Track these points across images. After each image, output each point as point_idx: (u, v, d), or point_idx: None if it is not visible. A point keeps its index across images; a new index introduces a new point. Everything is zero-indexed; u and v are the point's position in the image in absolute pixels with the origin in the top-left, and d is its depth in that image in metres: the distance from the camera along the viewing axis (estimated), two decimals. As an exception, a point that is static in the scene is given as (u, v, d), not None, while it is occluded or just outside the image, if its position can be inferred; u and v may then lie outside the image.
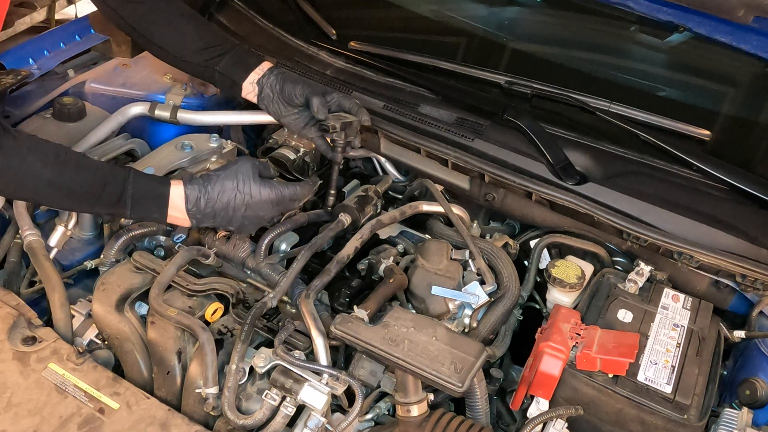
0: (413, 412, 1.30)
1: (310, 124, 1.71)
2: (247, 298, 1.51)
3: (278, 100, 1.70)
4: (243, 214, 1.41)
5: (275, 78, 1.71)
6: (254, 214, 1.42)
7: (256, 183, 1.40)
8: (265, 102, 1.72)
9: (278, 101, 1.70)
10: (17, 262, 1.63)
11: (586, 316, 1.48)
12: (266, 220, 1.47)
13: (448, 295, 1.49)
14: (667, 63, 1.94)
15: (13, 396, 1.30)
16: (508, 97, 1.87)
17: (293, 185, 1.45)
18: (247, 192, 1.40)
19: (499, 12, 2.17)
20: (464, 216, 1.74)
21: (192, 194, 1.40)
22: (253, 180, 1.41)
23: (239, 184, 1.40)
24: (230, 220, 1.43)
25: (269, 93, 1.71)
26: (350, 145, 1.68)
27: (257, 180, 1.41)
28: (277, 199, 1.43)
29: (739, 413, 1.36)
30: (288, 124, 1.74)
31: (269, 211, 1.44)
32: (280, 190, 1.42)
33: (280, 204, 1.46)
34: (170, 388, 1.42)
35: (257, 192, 1.40)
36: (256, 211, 1.41)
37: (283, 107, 1.71)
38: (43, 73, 2.03)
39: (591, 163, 1.70)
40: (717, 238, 1.57)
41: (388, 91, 1.91)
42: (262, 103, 1.73)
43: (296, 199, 1.50)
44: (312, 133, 1.72)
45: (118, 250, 1.57)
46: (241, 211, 1.40)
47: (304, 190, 1.48)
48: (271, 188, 1.41)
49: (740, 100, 1.90)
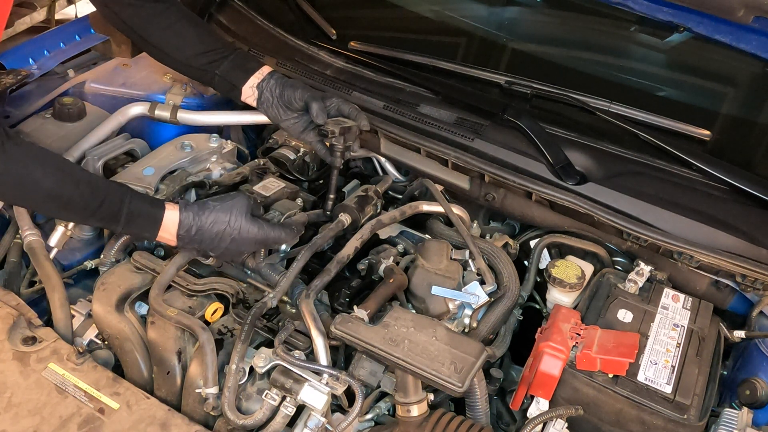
0: (413, 412, 1.30)
1: (309, 129, 1.72)
2: (247, 298, 1.51)
3: (278, 104, 1.71)
4: (227, 245, 1.45)
5: (275, 82, 1.71)
6: (237, 248, 1.47)
7: (247, 221, 1.45)
8: (264, 106, 1.73)
9: (278, 105, 1.71)
10: (17, 262, 1.63)
11: (586, 316, 1.48)
12: (245, 254, 1.51)
13: (448, 295, 1.49)
14: (667, 63, 1.94)
15: (13, 396, 1.30)
16: (508, 97, 1.87)
17: (279, 229, 1.50)
18: (236, 227, 1.44)
19: (499, 12, 2.17)
20: (464, 216, 1.74)
21: (186, 221, 1.43)
22: (245, 217, 1.45)
23: (231, 218, 1.44)
24: (214, 248, 1.47)
25: (269, 97, 1.71)
26: (349, 149, 1.70)
27: (248, 218, 1.45)
28: (262, 240, 1.47)
29: (739, 413, 1.36)
30: (287, 128, 1.75)
31: (251, 247, 1.49)
32: (267, 231, 1.47)
33: (263, 243, 1.50)
34: (170, 388, 1.42)
35: (246, 229, 1.44)
36: (240, 246, 1.46)
37: (282, 111, 1.72)
38: (43, 73, 2.03)
39: (591, 163, 1.70)
40: (717, 238, 1.57)
41: (388, 91, 1.91)
42: (261, 107, 1.74)
43: (279, 243, 1.54)
44: (311, 138, 1.73)
45: (118, 250, 1.57)
46: (226, 242, 1.45)
47: (288, 237, 1.52)
48: (259, 228, 1.46)
49: (740, 100, 1.90)
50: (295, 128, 1.73)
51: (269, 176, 1.83)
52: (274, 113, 1.73)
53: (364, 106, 1.86)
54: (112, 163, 1.77)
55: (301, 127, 1.73)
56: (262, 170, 1.86)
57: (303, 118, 1.72)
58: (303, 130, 1.73)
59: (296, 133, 1.74)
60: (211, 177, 1.80)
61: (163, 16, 1.72)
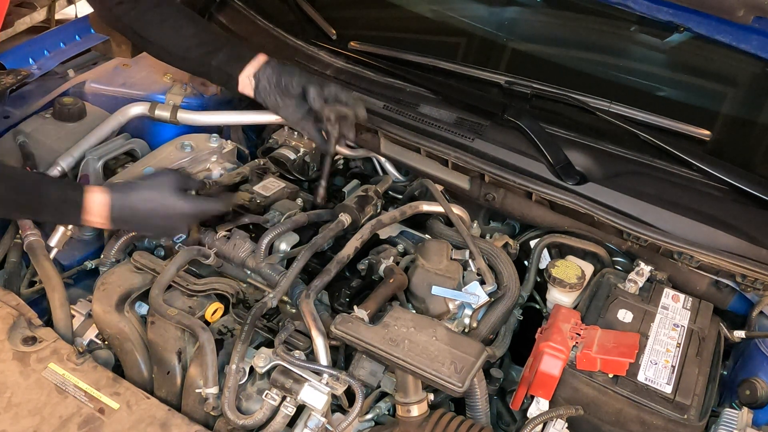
0: (413, 412, 1.30)
1: (307, 117, 1.70)
2: (247, 298, 1.51)
3: (275, 91, 1.70)
4: (158, 223, 1.46)
5: (272, 70, 1.70)
6: (170, 224, 1.47)
7: (177, 196, 1.44)
8: (262, 94, 1.72)
9: (275, 93, 1.70)
10: (17, 262, 1.63)
11: (586, 316, 1.48)
12: (181, 230, 1.52)
13: (448, 295, 1.49)
14: (667, 63, 1.94)
15: (13, 396, 1.30)
16: (508, 97, 1.87)
17: (212, 200, 1.51)
18: (167, 204, 1.44)
19: (499, 12, 2.17)
20: (464, 216, 1.74)
21: (117, 202, 1.42)
22: (175, 193, 1.45)
23: (161, 195, 1.44)
24: (146, 227, 1.48)
25: (266, 85, 1.70)
26: (345, 137, 1.68)
27: (177, 193, 1.45)
28: (194, 213, 1.48)
29: (739, 413, 1.36)
30: (285, 116, 1.73)
31: (184, 222, 1.49)
32: (198, 204, 1.48)
33: (196, 217, 1.51)
34: (170, 388, 1.42)
35: (177, 205, 1.44)
36: (173, 222, 1.46)
37: (279, 99, 1.70)
38: (43, 73, 2.03)
39: (591, 163, 1.70)
40: (717, 238, 1.57)
41: (388, 91, 1.91)
42: (258, 95, 1.72)
43: (213, 212, 1.54)
44: (308, 127, 1.71)
45: (118, 250, 1.57)
46: (157, 220, 1.45)
47: (220, 205, 1.53)
48: (189, 202, 1.46)
49: (740, 100, 1.90)
50: (293, 116, 1.71)
51: (269, 176, 1.83)
52: (272, 101, 1.71)
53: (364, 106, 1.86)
54: (112, 163, 1.77)
55: (298, 115, 1.70)
56: (262, 170, 1.86)
57: (301, 106, 1.70)
58: (300, 118, 1.71)
59: (294, 121, 1.73)
60: (211, 177, 1.80)
61: (157, 11, 1.73)
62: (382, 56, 1.99)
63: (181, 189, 1.47)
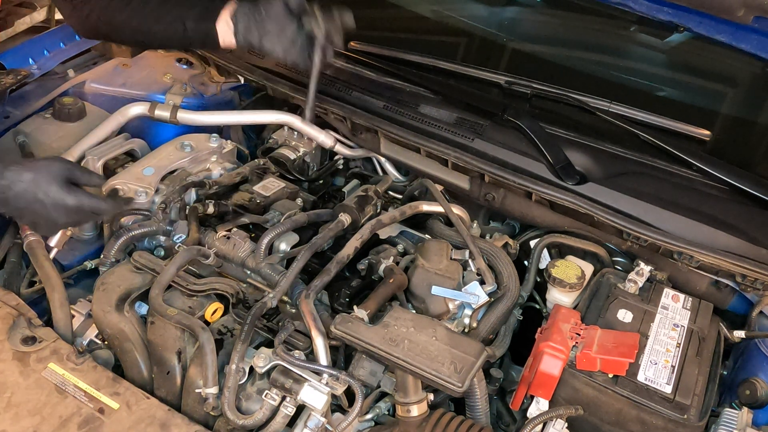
0: (413, 412, 1.30)
1: (295, 45, 1.62)
2: (247, 298, 1.51)
3: (255, 23, 1.61)
4: (35, 210, 1.34)
5: (247, 5, 1.62)
6: (47, 216, 1.35)
7: (61, 189, 1.33)
8: (243, 33, 1.63)
9: (256, 26, 1.61)
10: (17, 262, 1.63)
11: (586, 316, 1.48)
12: (60, 225, 1.42)
13: (448, 295, 1.49)
14: (667, 63, 1.94)
15: (13, 396, 1.30)
16: (508, 97, 1.87)
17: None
18: (45, 192, 1.33)
19: (499, 12, 2.17)
20: (464, 216, 1.74)
21: None
22: (57, 182, 1.33)
23: (41, 181, 1.33)
24: (20, 213, 1.36)
25: (245, 22, 1.62)
26: (332, 42, 1.61)
27: (61, 183, 1.34)
28: (75, 208, 1.36)
29: (739, 413, 1.36)
30: (271, 48, 1.63)
31: (64, 217, 1.36)
32: (82, 200, 1.36)
33: (78, 213, 1.38)
34: (170, 388, 1.42)
35: (55, 195, 1.33)
36: (50, 213, 1.35)
37: (261, 29, 1.61)
38: (43, 73, 2.03)
39: (591, 163, 1.70)
40: (717, 238, 1.57)
41: (388, 91, 1.91)
42: (240, 37, 1.64)
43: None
44: (295, 54, 1.63)
45: (118, 250, 1.57)
46: (34, 207, 1.34)
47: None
48: (73, 195, 1.35)
49: (740, 100, 1.90)
50: (279, 46, 1.62)
51: (269, 176, 1.83)
52: (255, 34, 1.62)
53: (364, 106, 1.86)
54: (112, 163, 1.77)
55: (285, 42, 1.61)
56: (262, 170, 1.86)
57: (284, 30, 1.61)
58: (287, 46, 1.61)
59: (281, 52, 1.62)
60: (211, 177, 1.80)
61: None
62: (382, 56, 1.99)
63: (67, 180, 1.36)
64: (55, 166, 1.36)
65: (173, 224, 1.63)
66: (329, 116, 1.89)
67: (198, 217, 1.63)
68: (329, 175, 1.98)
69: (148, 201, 1.66)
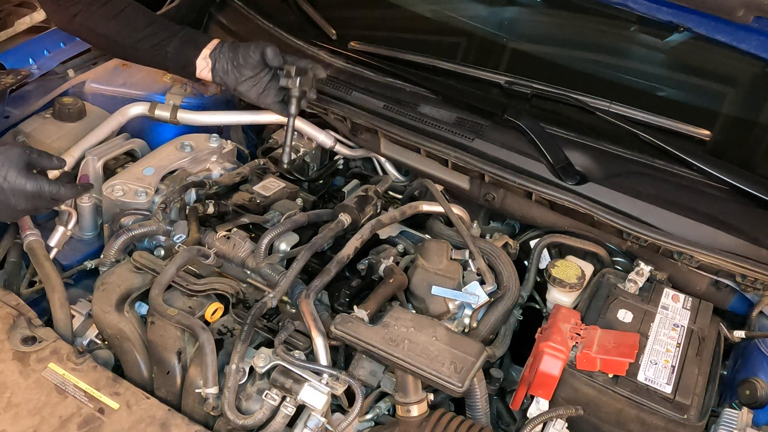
0: (413, 412, 1.30)
1: (268, 90, 1.71)
2: (247, 298, 1.51)
3: (232, 67, 1.70)
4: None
5: (227, 47, 1.71)
6: (6, 201, 1.35)
7: (20, 174, 1.34)
8: (219, 73, 1.72)
9: (233, 69, 1.70)
10: (17, 262, 1.63)
11: (586, 316, 1.48)
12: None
13: (448, 295, 1.49)
14: (667, 63, 1.94)
15: (13, 396, 1.30)
16: (507, 97, 1.87)
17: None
18: (4, 177, 1.32)
19: (499, 12, 2.17)
20: (464, 216, 1.74)
21: None
22: (16, 167, 1.34)
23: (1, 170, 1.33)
24: None
25: (223, 63, 1.71)
26: (305, 96, 1.69)
27: (21, 168, 1.34)
28: (35, 193, 1.36)
29: (739, 413, 1.36)
30: (246, 92, 1.73)
31: (23, 202, 1.37)
32: (41, 185, 1.36)
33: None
34: (170, 388, 1.42)
35: (14, 180, 1.33)
36: (9, 199, 1.34)
37: (238, 74, 1.70)
38: (43, 73, 2.03)
39: (591, 163, 1.70)
40: (717, 238, 1.57)
41: (388, 91, 1.91)
42: (216, 75, 1.72)
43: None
44: (270, 99, 1.72)
45: (118, 250, 1.57)
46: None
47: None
48: (33, 181, 1.35)
49: (740, 100, 1.90)
50: (254, 91, 1.71)
51: (269, 176, 1.83)
52: (232, 77, 1.71)
53: (364, 106, 1.86)
54: (112, 163, 1.77)
55: (260, 89, 1.71)
56: (262, 170, 1.86)
57: (260, 78, 1.70)
58: (261, 91, 1.71)
59: (255, 96, 1.73)
60: (211, 177, 1.80)
61: (109, 6, 1.74)
62: (382, 56, 1.99)
63: (27, 165, 1.36)
64: (14, 152, 1.36)
65: (173, 224, 1.63)
66: (329, 116, 1.89)
67: (198, 217, 1.63)
68: (329, 175, 1.98)
69: (148, 201, 1.66)
